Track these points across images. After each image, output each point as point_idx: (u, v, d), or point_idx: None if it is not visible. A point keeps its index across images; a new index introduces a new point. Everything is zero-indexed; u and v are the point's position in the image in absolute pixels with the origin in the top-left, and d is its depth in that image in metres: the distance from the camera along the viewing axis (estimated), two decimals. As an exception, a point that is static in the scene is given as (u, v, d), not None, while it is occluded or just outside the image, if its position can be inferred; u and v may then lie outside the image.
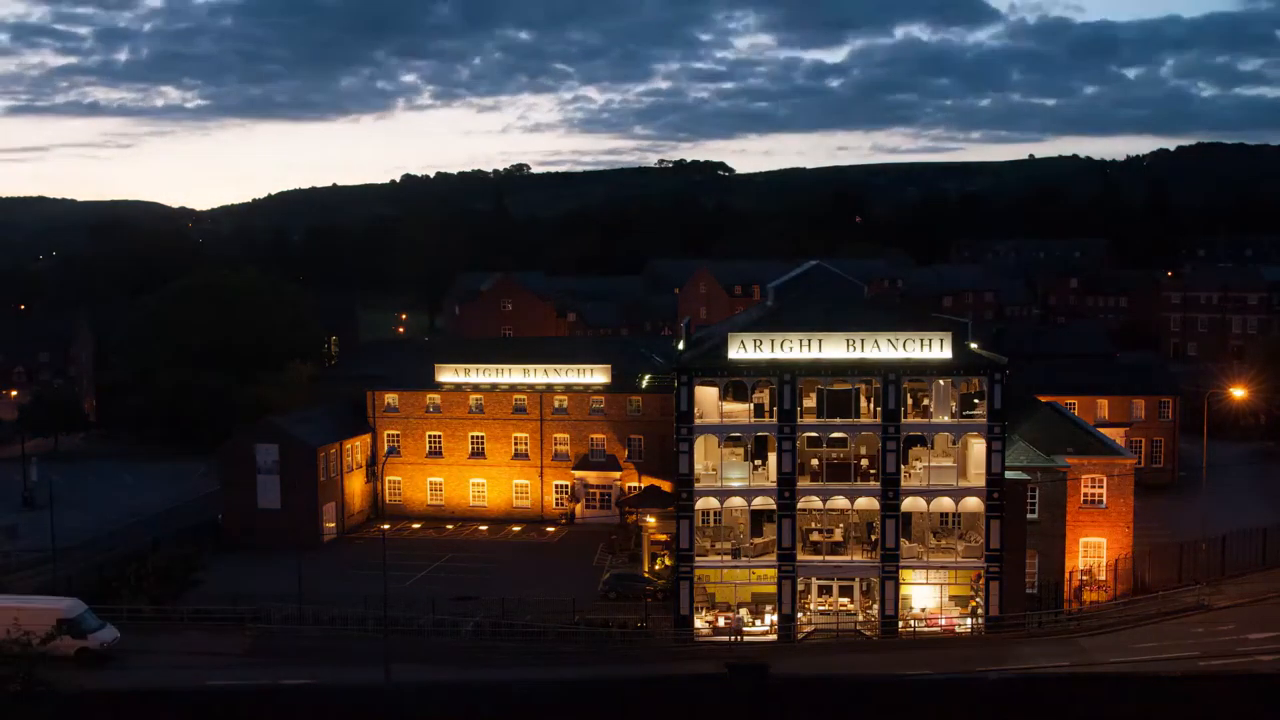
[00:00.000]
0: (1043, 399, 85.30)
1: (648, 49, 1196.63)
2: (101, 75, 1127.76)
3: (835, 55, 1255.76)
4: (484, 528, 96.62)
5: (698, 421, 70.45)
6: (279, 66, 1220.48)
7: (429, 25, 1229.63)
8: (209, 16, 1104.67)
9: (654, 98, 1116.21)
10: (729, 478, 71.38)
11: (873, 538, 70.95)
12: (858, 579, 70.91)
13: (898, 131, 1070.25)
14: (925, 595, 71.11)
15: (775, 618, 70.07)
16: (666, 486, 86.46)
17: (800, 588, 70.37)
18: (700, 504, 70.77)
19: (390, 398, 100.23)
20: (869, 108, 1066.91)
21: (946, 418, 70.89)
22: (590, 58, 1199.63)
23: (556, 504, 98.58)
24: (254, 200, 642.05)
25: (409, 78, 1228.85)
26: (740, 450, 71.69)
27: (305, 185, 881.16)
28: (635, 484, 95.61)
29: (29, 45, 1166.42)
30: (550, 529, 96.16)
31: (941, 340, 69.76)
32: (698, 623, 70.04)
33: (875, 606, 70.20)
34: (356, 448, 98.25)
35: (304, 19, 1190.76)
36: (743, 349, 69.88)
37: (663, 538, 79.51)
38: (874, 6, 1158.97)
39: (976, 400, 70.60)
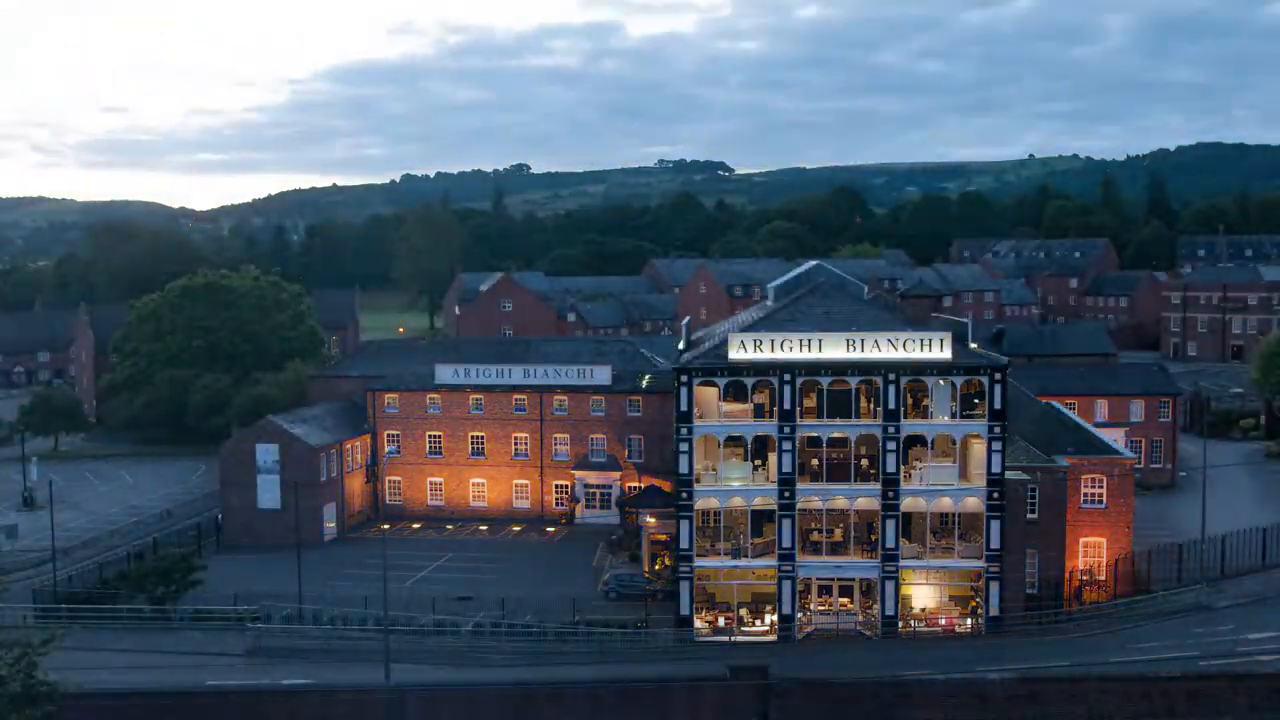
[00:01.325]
0: (1043, 399, 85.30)
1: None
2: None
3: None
4: (484, 528, 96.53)
5: (698, 421, 70.41)
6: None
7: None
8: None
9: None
10: (729, 478, 71.33)
11: (873, 538, 70.89)
12: (858, 579, 70.88)
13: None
14: (925, 595, 71.13)
15: (775, 618, 70.07)
16: (666, 486, 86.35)
17: (800, 588, 70.35)
18: (700, 504, 70.71)
19: (390, 398, 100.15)
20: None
21: (946, 418, 70.83)
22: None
23: (556, 504, 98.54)
24: (254, 200, 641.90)
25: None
26: (740, 450, 71.65)
27: (305, 185, 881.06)
28: (635, 484, 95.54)
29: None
30: (550, 529, 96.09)
31: (941, 340, 69.74)
32: (698, 623, 70.04)
33: (875, 606, 70.18)
34: (356, 448, 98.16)
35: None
36: (743, 349, 69.85)
37: (663, 538, 79.47)
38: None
39: (976, 400, 70.58)
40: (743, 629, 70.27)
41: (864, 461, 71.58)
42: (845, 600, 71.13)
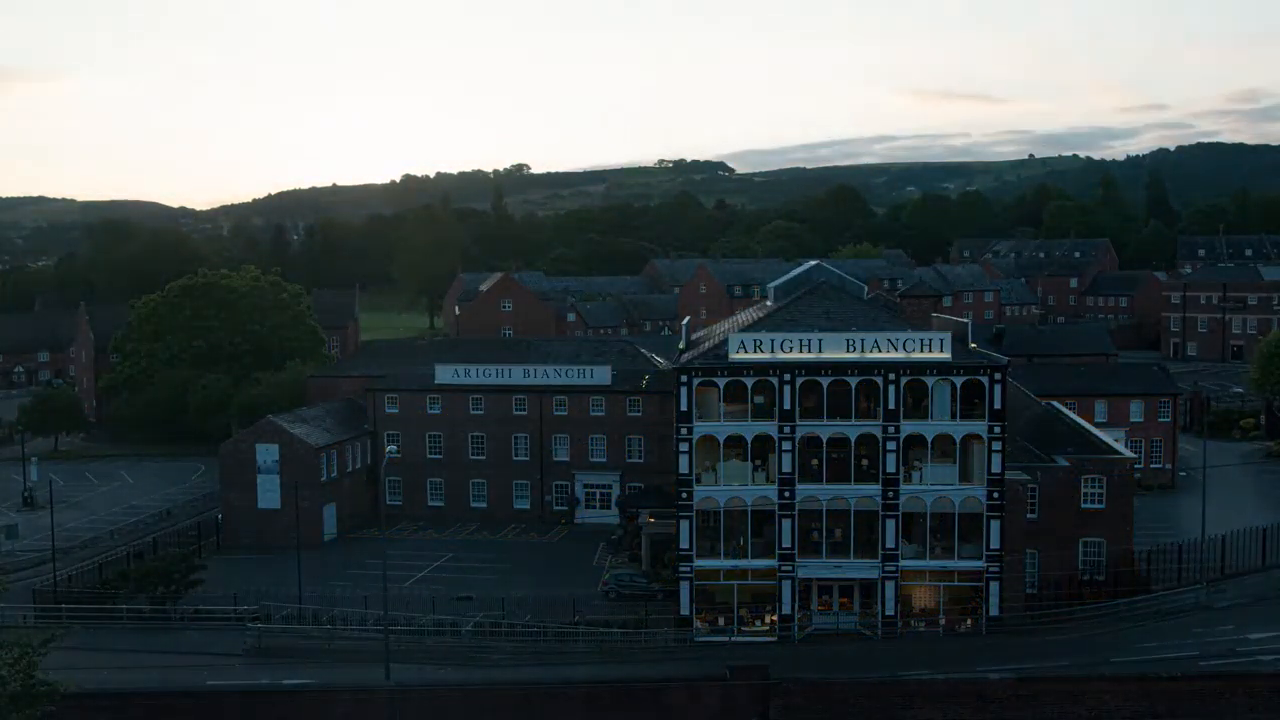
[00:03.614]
0: (1043, 399, 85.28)
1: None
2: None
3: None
4: (484, 528, 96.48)
5: (698, 421, 70.40)
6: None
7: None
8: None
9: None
10: (729, 478, 71.30)
11: (873, 538, 70.88)
12: (858, 579, 70.83)
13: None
14: (925, 595, 71.10)
15: (775, 618, 70.05)
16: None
17: (800, 588, 70.35)
18: (700, 504, 70.69)
19: (390, 398, 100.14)
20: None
21: (946, 418, 70.76)
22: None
23: (556, 504, 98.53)
24: (254, 200, 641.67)
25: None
26: (740, 450, 71.61)
27: (305, 185, 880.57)
28: (635, 484, 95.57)
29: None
30: (550, 529, 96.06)
31: (941, 340, 69.76)
32: (697, 623, 70.03)
33: (875, 606, 70.18)
34: (356, 448, 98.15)
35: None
36: (743, 349, 69.84)
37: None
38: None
39: (976, 400, 70.56)
40: (742, 629, 70.29)
41: (864, 461, 71.50)
42: (845, 600, 71.11)
